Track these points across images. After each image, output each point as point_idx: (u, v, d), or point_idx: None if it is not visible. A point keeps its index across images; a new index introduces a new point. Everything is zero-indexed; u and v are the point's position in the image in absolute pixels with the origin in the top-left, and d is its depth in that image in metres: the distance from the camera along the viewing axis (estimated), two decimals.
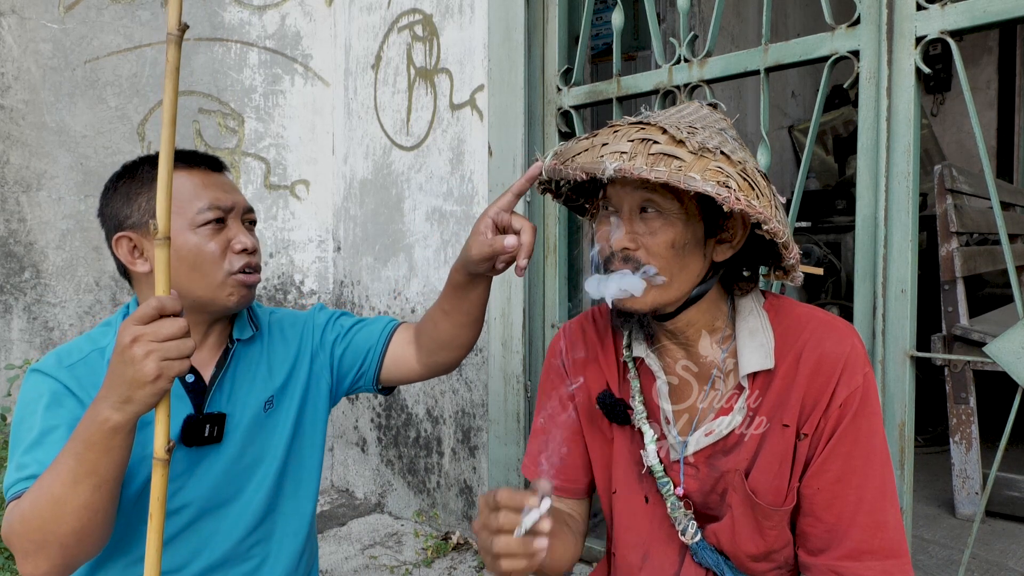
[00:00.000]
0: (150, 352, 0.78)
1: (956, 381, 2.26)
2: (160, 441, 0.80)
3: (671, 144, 0.81)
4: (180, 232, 1.01)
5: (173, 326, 0.80)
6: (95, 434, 0.81)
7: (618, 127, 0.87)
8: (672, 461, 0.98)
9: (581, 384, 1.07)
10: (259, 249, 1.11)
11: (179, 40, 0.78)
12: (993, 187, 1.42)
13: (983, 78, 5.00)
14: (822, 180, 4.41)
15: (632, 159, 0.80)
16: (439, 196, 2.35)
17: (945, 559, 2.04)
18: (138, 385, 0.79)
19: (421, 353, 1.22)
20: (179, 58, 0.79)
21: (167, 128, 0.78)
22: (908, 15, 1.41)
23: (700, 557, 0.97)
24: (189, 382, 1.06)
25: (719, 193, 0.77)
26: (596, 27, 3.50)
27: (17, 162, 2.25)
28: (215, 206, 1.04)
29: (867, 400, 0.89)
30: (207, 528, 1.07)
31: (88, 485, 0.83)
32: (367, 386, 1.26)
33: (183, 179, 1.04)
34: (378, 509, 2.63)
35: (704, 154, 0.80)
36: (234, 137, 2.60)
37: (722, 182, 0.77)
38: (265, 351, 1.17)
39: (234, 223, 1.07)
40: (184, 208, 1.02)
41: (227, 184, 1.10)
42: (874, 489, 0.88)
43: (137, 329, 0.79)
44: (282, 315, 1.24)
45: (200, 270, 1.03)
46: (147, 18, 2.43)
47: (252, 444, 1.11)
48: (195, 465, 1.06)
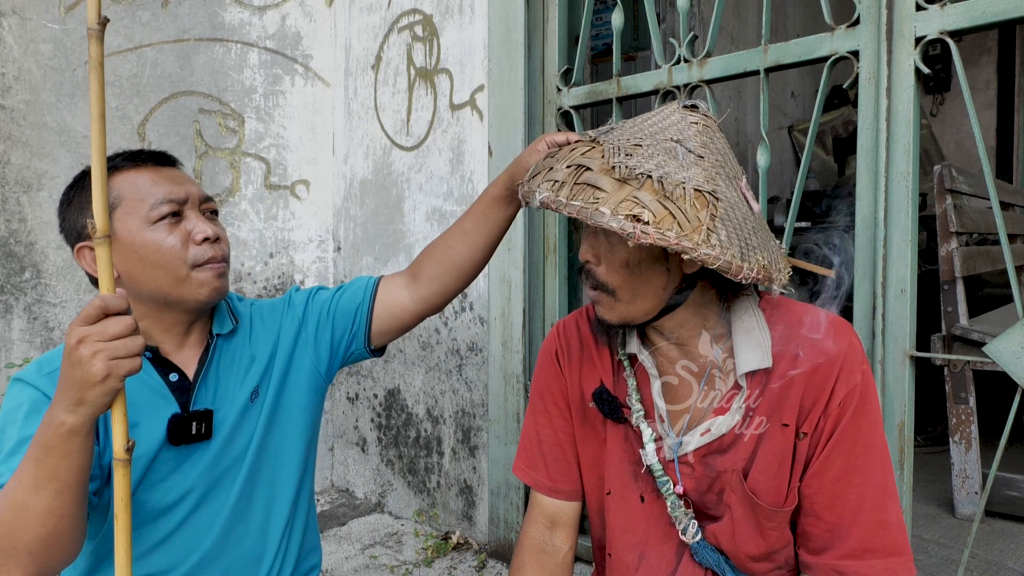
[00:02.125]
0: (97, 352, 0.77)
1: (956, 381, 2.26)
2: (119, 441, 0.80)
3: (601, 172, 0.81)
4: (138, 231, 1.00)
5: (119, 324, 0.79)
6: (52, 438, 0.80)
7: (576, 145, 0.88)
8: (668, 460, 0.98)
9: (575, 382, 1.07)
10: (224, 237, 1.09)
11: (100, 35, 0.77)
12: (992, 187, 1.42)
13: (982, 78, 5.01)
14: (822, 180, 4.41)
15: (560, 189, 0.81)
16: (439, 196, 2.35)
17: (945, 559, 2.04)
18: (88, 386, 0.78)
19: (417, 287, 1.21)
20: (102, 53, 0.77)
21: (96, 123, 0.77)
22: (908, 15, 1.41)
23: (701, 557, 0.96)
24: (173, 381, 1.06)
25: (623, 228, 0.76)
26: (596, 27, 3.50)
27: (18, 162, 2.25)
28: (168, 199, 1.02)
29: (866, 398, 0.89)
30: (201, 522, 1.07)
31: (50, 490, 0.82)
32: (359, 348, 1.24)
33: (132, 178, 1.02)
34: (378, 509, 2.63)
35: (629, 181, 0.79)
36: (234, 137, 2.61)
37: (635, 215, 0.76)
38: (247, 342, 1.16)
39: (192, 214, 1.05)
40: (137, 206, 1.01)
41: (179, 176, 1.08)
42: (875, 487, 0.88)
43: (82, 330, 0.78)
44: (261, 304, 1.23)
45: (163, 267, 1.01)
46: (147, 18, 2.44)
47: (239, 435, 1.11)
48: (185, 462, 1.06)
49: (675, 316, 0.93)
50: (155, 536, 1.05)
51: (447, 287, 1.21)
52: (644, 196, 0.78)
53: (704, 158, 0.84)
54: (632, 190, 0.78)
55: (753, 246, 0.81)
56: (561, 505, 1.09)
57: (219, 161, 2.58)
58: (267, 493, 1.15)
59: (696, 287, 0.92)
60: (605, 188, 0.79)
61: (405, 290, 1.22)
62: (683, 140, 0.85)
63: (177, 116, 2.50)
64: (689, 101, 0.92)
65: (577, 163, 0.83)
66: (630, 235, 0.75)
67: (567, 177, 0.82)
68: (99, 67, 0.78)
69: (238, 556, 1.11)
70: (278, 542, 1.15)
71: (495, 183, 1.16)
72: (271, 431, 1.14)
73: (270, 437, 1.14)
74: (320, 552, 1.28)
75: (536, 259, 2.12)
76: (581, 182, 0.81)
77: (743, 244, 0.80)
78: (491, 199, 1.16)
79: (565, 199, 0.80)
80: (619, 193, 0.78)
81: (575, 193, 0.80)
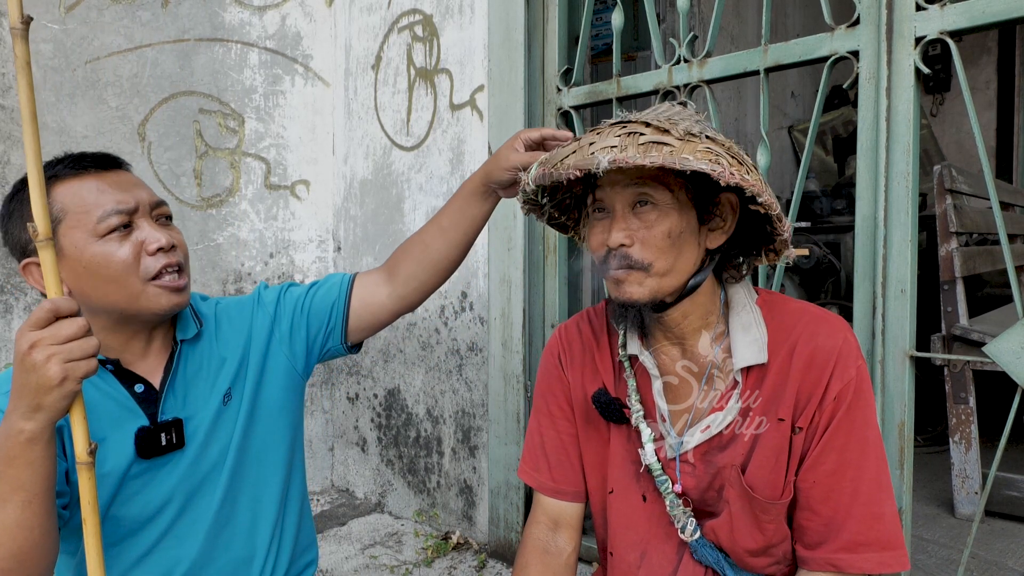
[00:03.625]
0: (51, 356, 0.76)
1: (956, 381, 2.26)
2: (80, 445, 0.79)
3: (657, 133, 0.82)
4: (85, 246, 0.94)
5: (72, 326, 0.77)
6: (13, 448, 0.79)
7: (599, 129, 0.88)
8: (669, 459, 0.98)
9: (577, 384, 1.07)
10: (180, 244, 1.03)
11: (24, 33, 0.76)
12: (992, 187, 1.42)
13: (982, 78, 5.01)
14: (822, 180, 4.42)
15: (623, 151, 0.81)
16: (439, 196, 2.35)
17: (945, 559, 2.04)
18: (44, 391, 0.76)
19: (395, 285, 1.19)
20: (28, 52, 0.76)
21: (28, 124, 0.76)
22: (907, 15, 1.41)
23: (700, 555, 0.97)
24: (139, 392, 1.02)
25: (714, 169, 0.78)
26: (596, 27, 3.50)
27: (18, 162, 2.25)
28: (117, 210, 0.96)
29: (861, 393, 0.90)
30: (184, 531, 1.05)
31: (16, 503, 0.80)
32: (336, 345, 1.21)
33: (75, 188, 0.96)
34: (378, 509, 2.63)
35: (690, 138, 0.81)
36: (234, 137, 2.61)
37: (714, 159, 0.79)
38: (215, 344, 1.11)
39: (143, 222, 0.98)
40: (83, 219, 0.94)
41: (126, 181, 1.00)
42: (870, 481, 0.89)
43: (34, 335, 0.76)
44: (228, 303, 1.19)
45: (116, 281, 0.96)
46: (147, 18, 2.44)
47: (216, 440, 1.08)
48: (159, 473, 1.02)
49: (684, 304, 0.94)
50: (138, 549, 1.02)
51: (424, 284, 1.20)
52: (714, 147, 0.81)
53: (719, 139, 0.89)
54: (698, 143, 0.81)
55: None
56: (564, 506, 1.09)
57: (219, 161, 2.58)
58: (252, 495, 1.12)
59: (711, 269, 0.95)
60: (673, 144, 0.81)
61: (382, 287, 1.20)
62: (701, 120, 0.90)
63: (177, 116, 2.50)
64: (680, 100, 0.94)
65: (627, 131, 0.84)
66: (720, 175, 0.78)
67: (622, 142, 0.82)
68: (26, 67, 0.76)
69: (228, 560, 1.09)
70: (268, 543, 1.13)
71: (470, 179, 1.15)
72: (250, 432, 1.11)
73: (250, 438, 1.11)
74: (316, 549, 1.27)
75: (536, 259, 2.12)
76: (645, 142, 0.81)
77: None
78: (467, 194, 1.15)
79: (640, 154, 0.80)
80: (689, 146, 0.80)
81: (644, 151, 0.80)
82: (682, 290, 0.93)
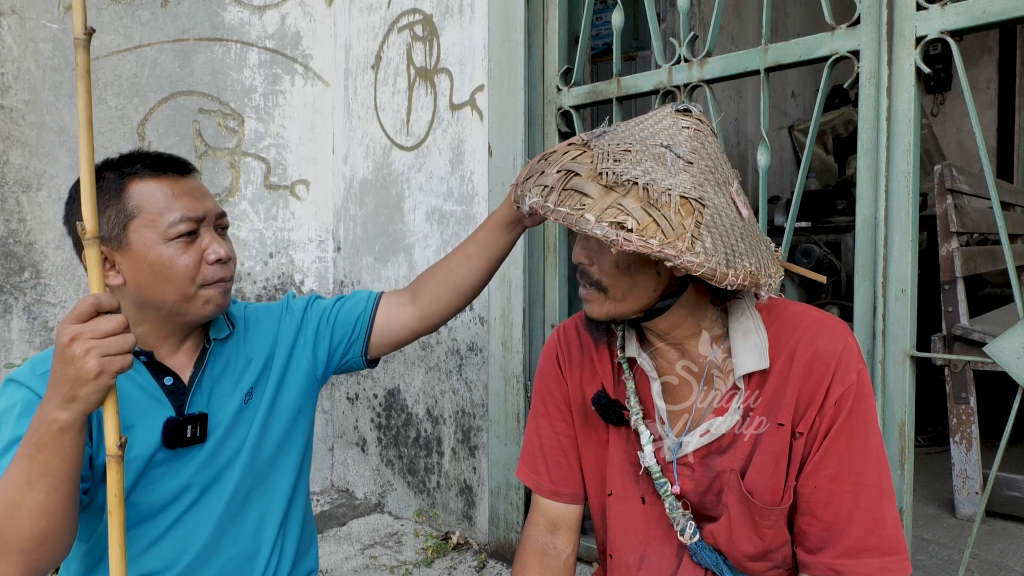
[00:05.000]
0: (90, 349, 0.79)
1: (956, 381, 2.26)
2: (111, 438, 0.81)
3: (588, 178, 0.82)
4: (152, 245, 1.01)
5: (112, 322, 0.80)
6: (45, 435, 0.82)
7: (569, 148, 0.89)
8: (668, 461, 0.98)
9: (576, 386, 1.07)
10: (234, 256, 1.10)
11: (87, 44, 0.78)
12: (993, 187, 1.42)
13: (983, 78, 5.00)
14: (822, 180, 4.41)
15: (549, 194, 0.83)
16: (439, 196, 2.35)
17: (945, 559, 2.04)
18: (81, 383, 0.79)
19: (417, 306, 1.24)
20: (88, 62, 0.79)
21: (84, 130, 0.78)
22: (908, 15, 1.41)
23: (699, 557, 0.96)
24: (168, 384, 1.07)
25: (606, 236, 0.77)
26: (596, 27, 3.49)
27: (17, 162, 2.25)
28: (187, 217, 1.02)
29: (862, 397, 0.89)
30: (194, 522, 1.08)
31: (43, 487, 0.83)
32: (356, 357, 1.26)
33: (152, 188, 1.02)
34: (378, 509, 2.63)
35: (615, 188, 0.80)
36: (234, 137, 2.60)
37: (619, 222, 0.77)
38: (243, 346, 1.17)
39: (207, 232, 1.06)
40: (155, 220, 1.01)
41: (197, 190, 1.07)
42: (871, 486, 0.88)
43: (75, 328, 0.79)
44: (256, 308, 1.25)
45: (174, 283, 1.02)
46: (147, 18, 2.43)
47: (234, 436, 1.12)
48: (179, 463, 1.07)
49: (668, 318, 0.94)
50: (148, 536, 1.06)
51: (446, 307, 1.25)
52: (629, 203, 0.78)
53: (693, 164, 0.84)
54: (618, 197, 0.79)
55: (740, 252, 0.82)
56: (563, 508, 1.09)
57: (219, 161, 2.58)
58: (262, 492, 1.16)
59: (687, 290, 0.93)
60: (591, 194, 0.80)
61: (406, 307, 1.25)
62: (673, 145, 0.85)
63: (177, 116, 2.50)
64: (682, 105, 0.92)
65: (567, 168, 0.84)
66: (613, 242, 0.77)
67: (556, 182, 0.83)
68: (86, 75, 0.79)
69: (232, 555, 1.12)
70: (273, 541, 1.16)
71: (499, 209, 1.19)
72: (266, 431, 1.16)
73: (265, 437, 1.16)
74: (317, 554, 1.29)
75: (536, 259, 2.12)
76: (569, 188, 0.82)
77: (729, 251, 0.80)
78: (494, 224, 1.20)
79: (553, 205, 0.81)
80: (605, 199, 0.79)
81: (563, 199, 0.81)
82: (649, 310, 0.93)
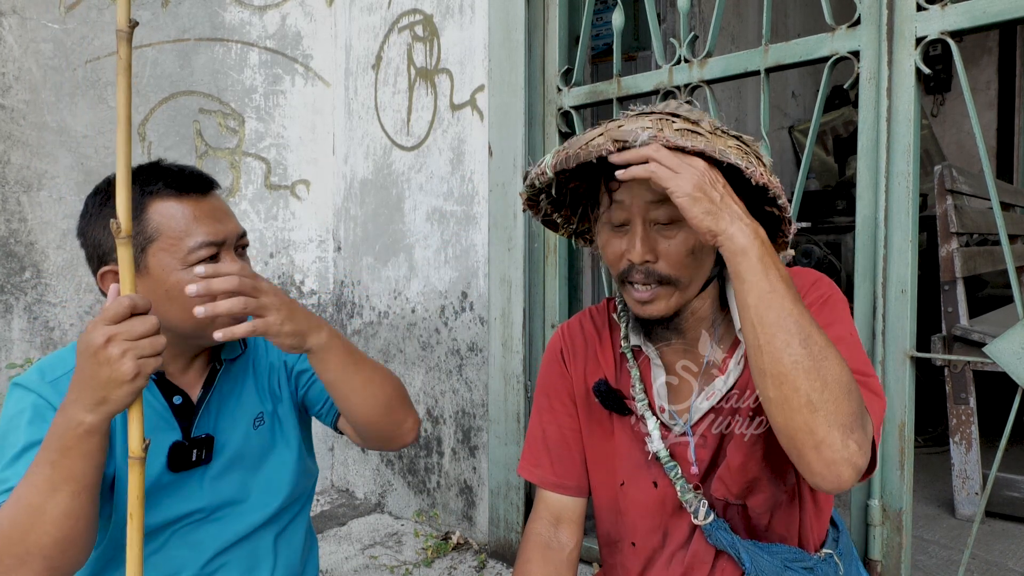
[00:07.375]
0: (127, 351, 0.77)
1: (956, 381, 2.26)
2: (136, 440, 0.80)
3: (689, 123, 0.82)
4: (172, 271, 0.96)
5: (146, 323, 0.79)
6: (70, 439, 0.80)
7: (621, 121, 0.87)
8: (678, 435, 0.99)
9: (580, 378, 1.08)
10: None
11: (129, 37, 0.76)
12: (993, 187, 1.42)
13: (983, 79, 5.00)
14: (822, 180, 4.41)
15: (660, 131, 0.80)
16: (439, 196, 2.35)
17: (945, 559, 2.04)
18: (115, 385, 0.78)
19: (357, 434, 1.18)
20: (130, 55, 0.77)
21: (123, 126, 0.76)
22: (908, 16, 1.41)
23: (715, 539, 0.97)
24: (177, 404, 1.04)
25: (747, 167, 0.78)
26: (596, 27, 3.49)
27: (18, 162, 2.25)
28: (208, 242, 0.98)
29: (834, 300, 0.94)
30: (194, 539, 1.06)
31: (67, 492, 0.81)
32: (326, 423, 1.22)
33: (173, 209, 0.97)
34: (378, 509, 2.63)
35: (720, 133, 0.82)
36: (234, 137, 2.61)
37: (745, 158, 0.80)
38: (251, 366, 1.15)
39: (227, 256, 1.01)
40: (176, 245, 0.96)
41: (219, 210, 1.02)
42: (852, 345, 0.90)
43: (110, 329, 0.78)
44: None
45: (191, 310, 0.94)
46: (147, 18, 2.44)
47: (239, 458, 1.09)
48: (183, 485, 1.04)
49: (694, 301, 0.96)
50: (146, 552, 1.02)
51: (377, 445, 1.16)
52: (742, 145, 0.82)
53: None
54: (727, 139, 0.82)
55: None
56: (566, 501, 1.10)
57: (219, 161, 2.58)
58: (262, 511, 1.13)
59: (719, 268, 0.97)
60: (705, 135, 0.81)
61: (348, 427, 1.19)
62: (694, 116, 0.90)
63: (177, 116, 2.50)
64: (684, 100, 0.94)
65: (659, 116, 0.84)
66: (752, 174, 0.80)
67: (657, 124, 0.81)
68: (127, 70, 0.77)
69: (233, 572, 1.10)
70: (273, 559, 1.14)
71: None
72: (272, 455, 1.14)
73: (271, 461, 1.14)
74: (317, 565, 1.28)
75: (536, 259, 2.12)
76: (680, 128, 0.81)
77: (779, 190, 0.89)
78: None
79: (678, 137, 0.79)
80: (720, 141, 0.81)
81: (680, 136, 0.79)
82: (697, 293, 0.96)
